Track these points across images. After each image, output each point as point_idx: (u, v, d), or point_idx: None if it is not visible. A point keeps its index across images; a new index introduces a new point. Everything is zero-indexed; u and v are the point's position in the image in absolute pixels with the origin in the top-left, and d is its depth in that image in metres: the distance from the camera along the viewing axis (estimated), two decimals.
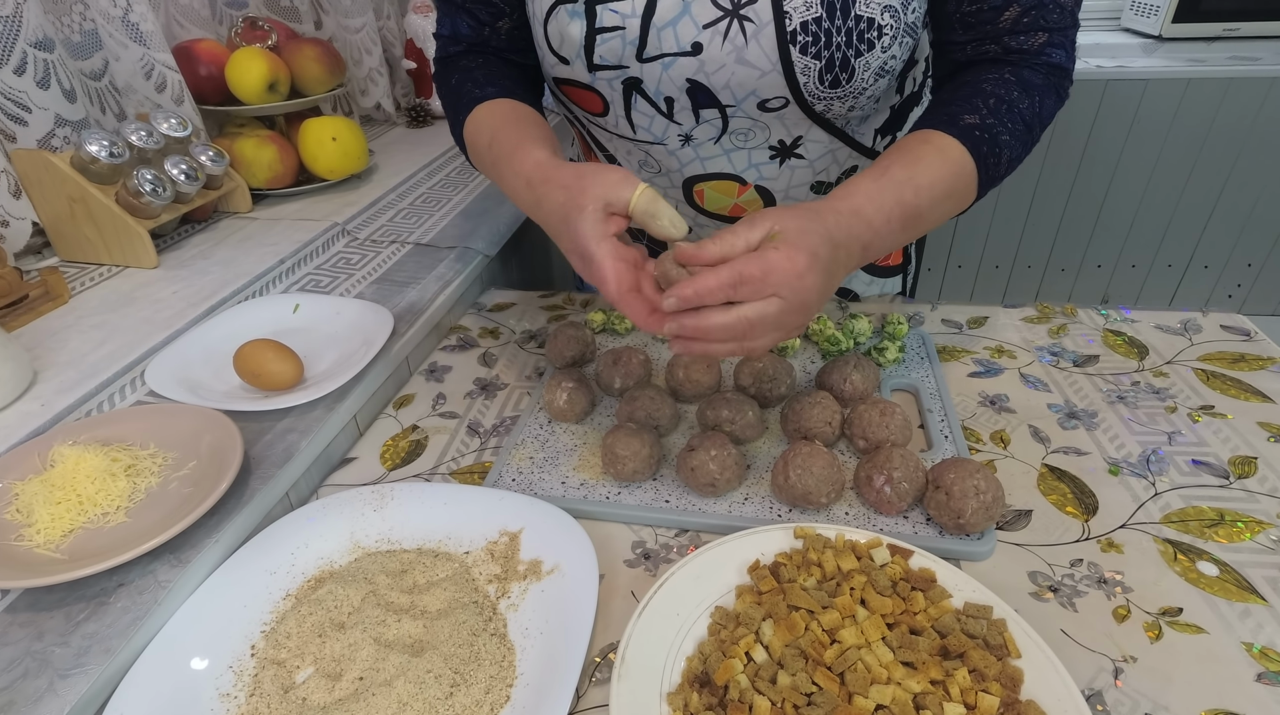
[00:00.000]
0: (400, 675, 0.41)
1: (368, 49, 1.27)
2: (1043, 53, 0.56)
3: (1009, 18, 0.55)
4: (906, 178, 0.51)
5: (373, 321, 0.69)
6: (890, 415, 0.54)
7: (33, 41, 0.79)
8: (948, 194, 0.53)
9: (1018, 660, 0.39)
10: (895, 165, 0.51)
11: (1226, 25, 1.81)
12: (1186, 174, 1.79)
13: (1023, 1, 0.55)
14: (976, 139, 0.53)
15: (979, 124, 0.53)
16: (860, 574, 0.44)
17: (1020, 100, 0.55)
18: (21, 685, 0.39)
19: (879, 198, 0.49)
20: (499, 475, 0.56)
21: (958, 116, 0.54)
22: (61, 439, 0.53)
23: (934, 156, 0.52)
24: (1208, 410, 0.60)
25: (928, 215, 0.52)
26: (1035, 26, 0.55)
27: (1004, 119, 0.54)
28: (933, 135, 0.54)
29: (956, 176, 0.53)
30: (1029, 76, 0.56)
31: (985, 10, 0.56)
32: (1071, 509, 0.51)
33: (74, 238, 0.82)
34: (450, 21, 0.68)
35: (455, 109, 0.65)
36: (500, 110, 0.62)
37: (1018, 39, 0.56)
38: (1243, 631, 0.42)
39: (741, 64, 0.57)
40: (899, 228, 0.51)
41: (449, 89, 0.67)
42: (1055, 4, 0.55)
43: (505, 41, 0.68)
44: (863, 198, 0.49)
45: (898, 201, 0.50)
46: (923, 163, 0.52)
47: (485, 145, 0.60)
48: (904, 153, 0.53)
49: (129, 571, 0.46)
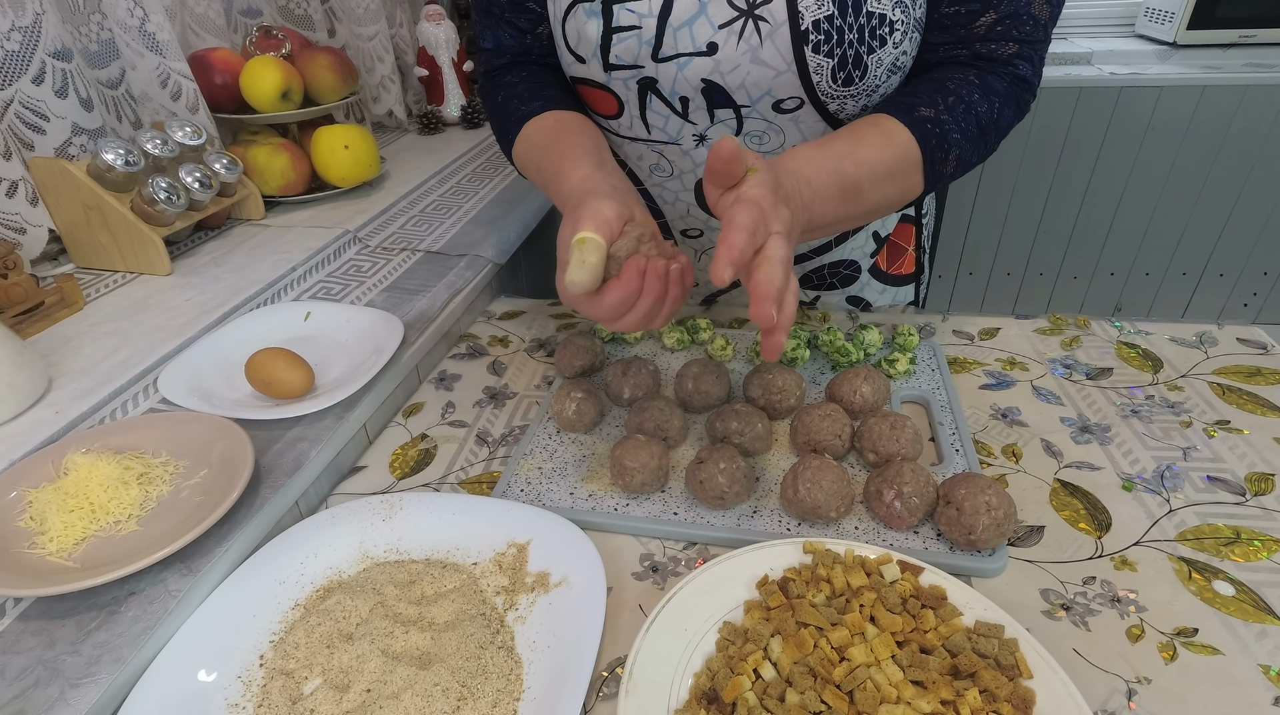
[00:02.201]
0: (407, 688, 0.41)
1: (380, 57, 1.28)
2: (1011, 63, 0.57)
3: (984, 24, 0.56)
4: (847, 150, 0.52)
5: (383, 330, 0.69)
6: (901, 428, 0.54)
7: (51, 51, 0.80)
8: (889, 175, 0.54)
9: (1029, 681, 0.39)
10: (838, 139, 0.53)
11: (1243, 32, 1.80)
12: (1201, 181, 1.77)
13: (999, 9, 0.55)
14: (926, 131, 0.54)
15: (932, 118, 0.55)
16: (870, 590, 0.43)
17: (980, 103, 0.56)
18: (33, 694, 0.40)
19: (818, 162, 0.51)
20: (507, 485, 0.56)
21: (914, 107, 0.55)
22: (75, 447, 0.53)
23: (879, 137, 0.54)
24: (1223, 425, 0.59)
25: (867, 192, 0.53)
26: (1007, 36, 0.56)
27: (959, 118, 0.55)
28: (882, 119, 0.55)
29: (899, 160, 0.54)
30: (993, 83, 0.57)
31: (963, 14, 0.56)
32: (1084, 525, 0.51)
33: (89, 245, 0.83)
34: (493, 34, 0.69)
35: (504, 130, 0.67)
36: (545, 127, 0.63)
37: (989, 46, 0.57)
38: (1260, 653, 0.42)
39: (757, 64, 0.57)
40: (837, 195, 0.52)
41: (496, 107, 0.68)
42: (1030, 16, 0.56)
43: (547, 47, 0.68)
44: (803, 160, 0.51)
45: (836, 169, 0.51)
46: (866, 141, 0.54)
47: (535, 170, 0.62)
48: (850, 130, 0.54)
49: (140, 580, 0.46)
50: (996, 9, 0.55)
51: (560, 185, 0.55)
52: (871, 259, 0.81)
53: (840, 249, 0.79)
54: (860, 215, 0.55)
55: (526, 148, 0.63)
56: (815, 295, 0.84)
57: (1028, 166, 1.82)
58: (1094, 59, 1.80)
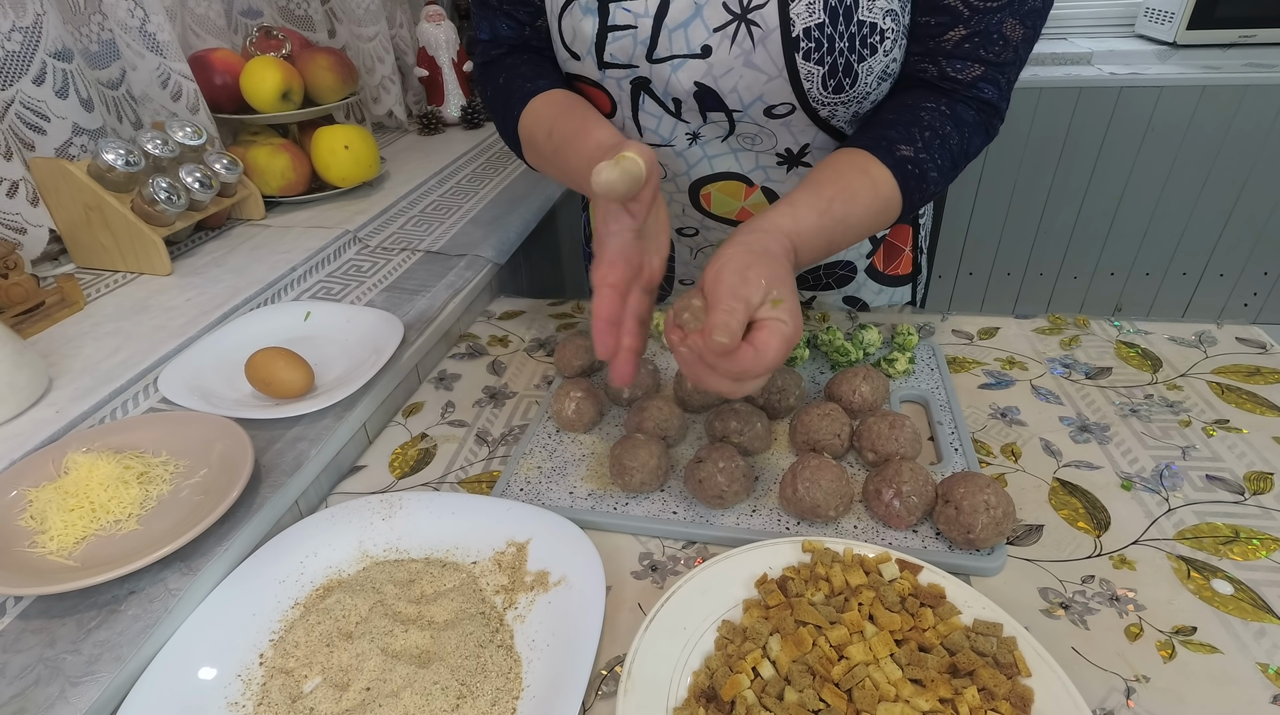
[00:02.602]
0: (407, 686, 0.41)
1: (380, 57, 1.28)
2: (975, 85, 0.57)
3: (952, 38, 0.56)
4: (842, 215, 0.53)
5: (383, 329, 0.69)
6: (900, 428, 0.54)
7: (52, 52, 0.80)
8: (870, 228, 0.56)
9: (1028, 679, 0.39)
10: (837, 201, 0.53)
11: (1242, 32, 1.80)
12: (1201, 181, 1.77)
13: (969, 24, 0.55)
14: (908, 173, 0.55)
15: (912, 158, 0.55)
16: (869, 589, 0.43)
17: (952, 135, 0.57)
18: (33, 692, 0.40)
19: (814, 237, 0.51)
20: (507, 485, 0.56)
21: (894, 145, 0.55)
22: (75, 446, 0.53)
23: (868, 193, 0.54)
24: (1222, 424, 0.59)
25: (840, 248, 0.55)
26: (974, 56, 0.56)
27: (935, 155, 0.56)
28: (870, 165, 0.55)
29: (882, 212, 0.56)
30: (962, 112, 0.57)
31: (933, 25, 0.56)
32: (1083, 524, 0.51)
33: (90, 245, 0.84)
34: (489, 25, 0.68)
35: (507, 104, 0.65)
36: (556, 98, 0.62)
37: (954, 65, 0.56)
38: (1258, 652, 0.42)
39: (749, 68, 0.57)
40: (815, 258, 0.53)
41: (497, 88, 0.67)
42: (1001, 36, 0.55)
43: (546, 40, 0.67)
44: (803, 237, 0.51)
45: (829, 242, 0.53)
46: (859, 200, 0.54)
47: (545, 134, 0.60)
48: (845, 185, 0.54)
49: (140, 579, 0.46)
50: (967, 24, 0.55)
51: (582, 143, 0.54)
52: (868, 259, 0.81)
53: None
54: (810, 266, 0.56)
55: (533, 119, 0.62)
56: (811, 295, 0.84)
57: (1028, 166, 1.83)
58: (1094, 59, 1.80)
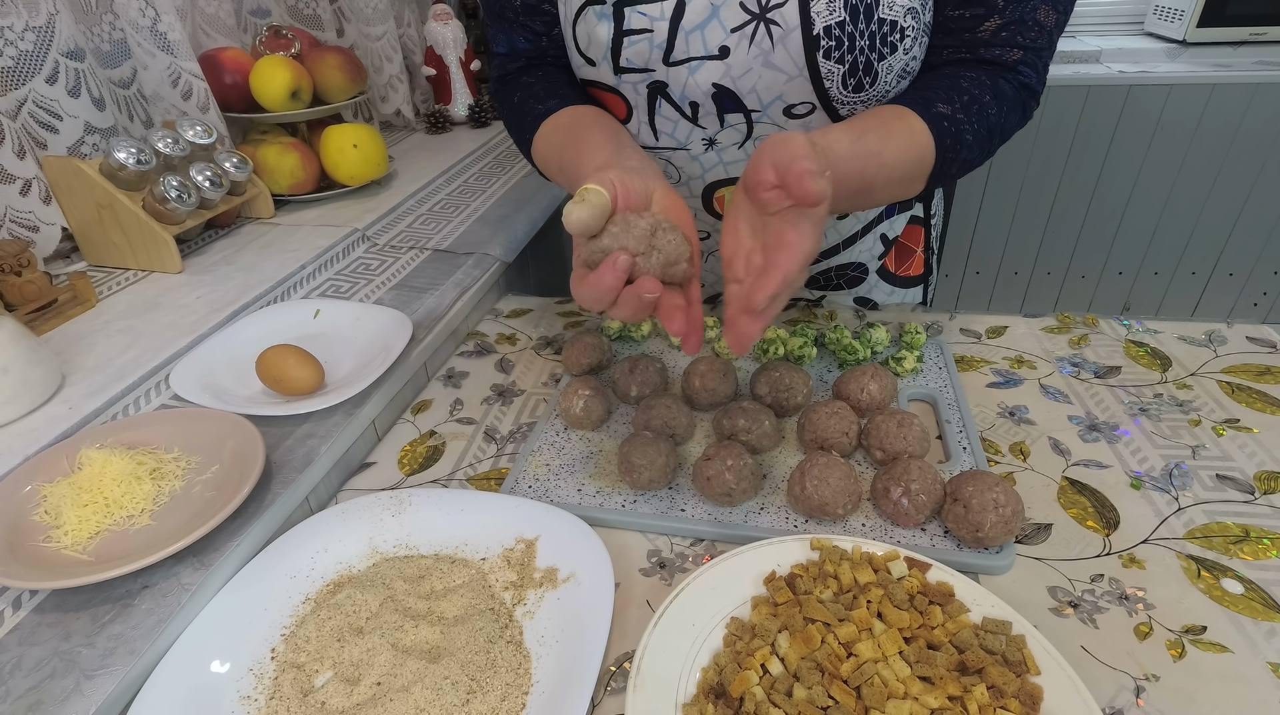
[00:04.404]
0: (417, 681, 0.42)
1: (388, 56, 1.28)
2: (1015, 69, 0.57)
3: (988, 29, 0.56)
4: (878, 149, 0.51)
5: (392, 327, 0.70)
6: (908, 426, 0.54)
7: (65, 51, 0.81)
8: (903, 178, 0.54)
9: (1037, 677, 0.39)
10: (871, 133, 0.51)
11: (1253, 30, 1.79)
12: (1211, 180, 1.76)
13: (1004, 14, 0.55)
14: (943, 129, 0.54)
15: (949, 116, 0.54)
16: (877, 587, 0.44)
17: (990, 105, 0.56)
18: (49, 685, 0.40)
19: (850, 161, 0.49)
20: (515, 482, 0.57)
21: (933, 102, 0.54)
22: (88, 442, 0.54)
23: (904, 136, 0.53)
24: (1232, 424, 0.59)
25: (876, 194, 0.53)
26: (1012, 43, 0.56)
27: (972, 119, 0.55)
28: (907, 114, 0.54)
29: (917, 162, 0.54)
30: (1003, 86, 0.57)
31: (967, 18, 0.56)
32: (1092, 523, 0.51)
33: (101, 243, 0.84)
34: (506, 39, 0.68)
35: (520, 127, 0.66)
36: (561, 124, 0.62)
37: (993, 51, 0.56)
38: (1269, 651, 0.42)
39: (768, 68, 0.57)
40: (848, 196, 0.51)
41: (512, 107, 0.68)
42: (1035, 23, 0.55)
43: (563, 49, 0.68)
44: (834, 156, 0.48)
45: (861, 171, 0.50)
46: (894, 139, 0.52)
47: (557, 169, 0.62)
48: (881, 123, 0.53)
49: (153, 574, 0.46)
50: (1001, 14, 0.55)
51: (579, 179, 0.54)
52: (879, 261, 0.81)
53: (848, 252, 0.79)
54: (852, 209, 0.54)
55: (546, 148, 0.63)
56: (821, 295, 0.84)
57: (1036, 165, 1.82)
58: (1103, 57, 1.79)
